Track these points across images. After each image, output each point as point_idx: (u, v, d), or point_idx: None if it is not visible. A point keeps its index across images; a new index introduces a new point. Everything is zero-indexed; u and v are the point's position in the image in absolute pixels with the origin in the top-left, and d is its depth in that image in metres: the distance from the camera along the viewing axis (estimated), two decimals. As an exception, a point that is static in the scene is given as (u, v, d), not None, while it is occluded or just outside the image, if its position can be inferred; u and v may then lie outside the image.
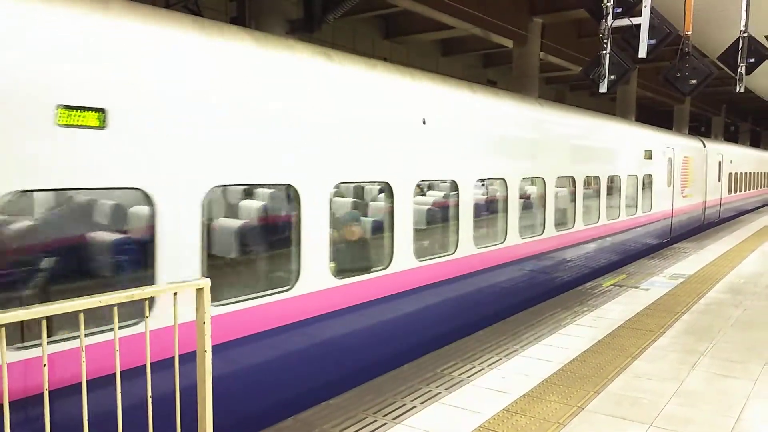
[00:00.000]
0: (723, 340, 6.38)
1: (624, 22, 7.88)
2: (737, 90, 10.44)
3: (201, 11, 10.89)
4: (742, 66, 10.07)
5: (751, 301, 8.16)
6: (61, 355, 3.39)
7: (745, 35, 9.97)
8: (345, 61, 5.49)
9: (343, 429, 4.30)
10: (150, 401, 3.24)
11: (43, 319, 2.82)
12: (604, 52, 8.20)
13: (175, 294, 3.35)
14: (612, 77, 8.34)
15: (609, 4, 7.80)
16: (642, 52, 7.81)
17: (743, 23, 9.98)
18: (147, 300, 3.21)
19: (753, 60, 10.12)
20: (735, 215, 21.95)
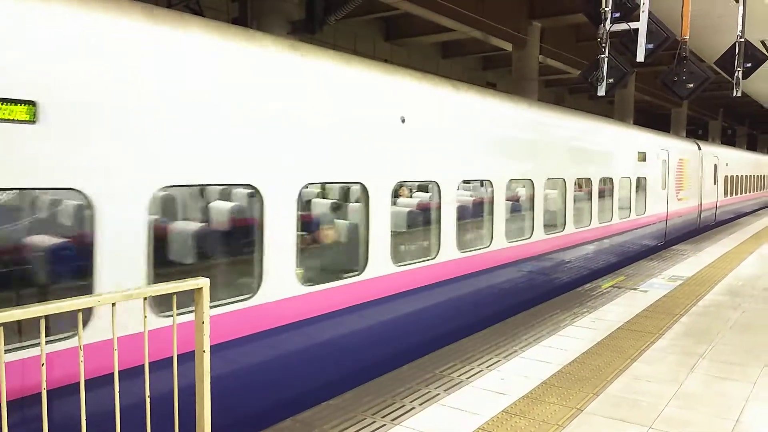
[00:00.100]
0: (721, 342, 6.40)
1: (622, 26, 7.92)
2: (734, 94, 10.53)
3: (203, 11, 10.90)
4: (738, 70, 10.15)
5: (750, 304, 8.19)
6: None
7: (742, 40, 10.05)
8: (316, 56, 5.17)
9: (342, 430, 4.31)
10: (148, 402, 3.23)
11: (42, 318, 2.82)
12: (602, 55, 8.22)
13: (174, 294, 3.34)
14: (610, 81, 8.37)
15: (607, 8, 7.84)
16: (640, 56, 7.86)
17: (740, 28, 10.06)
18: (146, 299, 3.22)
19: (750, 64, 10.20)
20: (731, 218, 21.95)
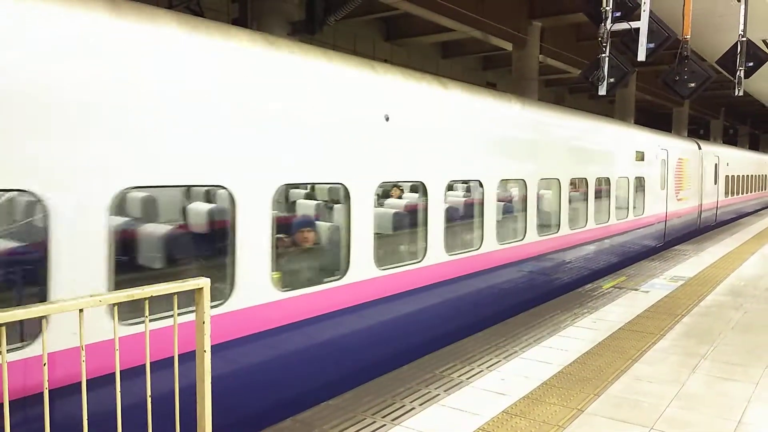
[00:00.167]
0: (723, 342, 6.37)
1: (623, 25, 7.90)
2: (736, 93, 10.48)
3: (203, 12, 10.90)
4: (740, 70, 10.11)
5: (752, 304, 8.16)
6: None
7: (744, 39, 10.02)
8: (291, 50, 4.95)
9: (342, 429, 4.29)
10: (149, 402, 3.22)
11: (43, 318, 2.82)
12: (603, 55, 8.20)
13: (175, 295, 3.33)
14: (611, 80, 8.35)
15: (608, 8, 7.82)
16: (641, 55, 7.83)
17: (741, 27, 10.03)
18: (147, 299, 3.21)
19: (751, 64, 10.17)
20: (732, 219, 21.81)
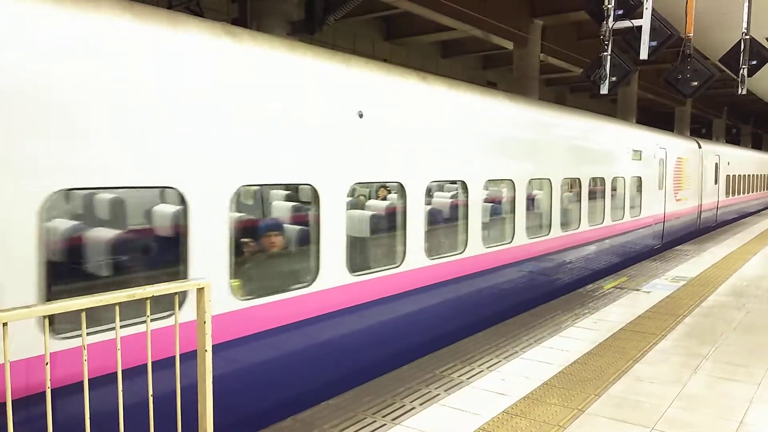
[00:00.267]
0: (725, 343, 6.34)
1: (625, 24, 7.87)
2: (739, 92, 10.45)
3: (203, 12, 10.89)
4: (743, 68, 10.06)
5: (754, 304, 8.12)
6: None
7: (747, 37, 9.97)
8: (255, 41, 4.68)
9: (343, 429, 4.28)
10: (151, 401, 3.20)
11: (45, 318, 2.82)
12: (605, 53, 8.17)
13: (177, 294, 3.32)
14: (613, 79, 8.31)
15: (610, 6, 7.78)
16: (643, 54, 7.79)
17: (745, 25, 9.98)
18: (148, 299, 3.20)
19: (755, 62, 10.11)
20: (733, 219, 21.55)
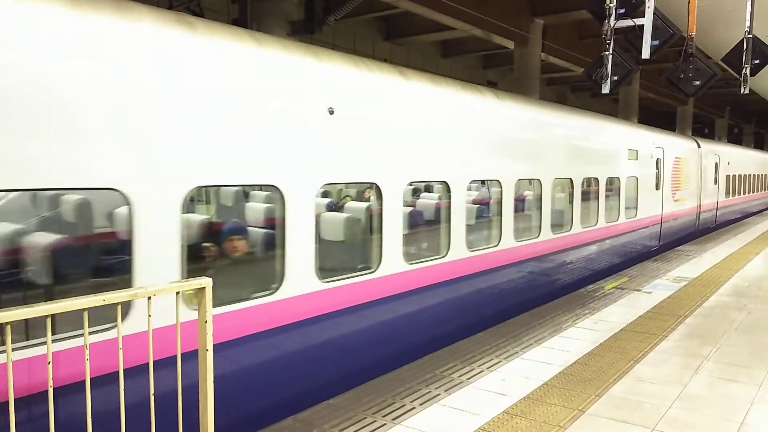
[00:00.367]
0: (727, 343, 6.31)
1: (627, 23, 7.83)
2: (741, 91, 10.41)
3: (203, 13, 10.89)
4: (746, 67, 10.02)
5: (755, 305, 8.09)
6: None
7: (750, 36, 9.92)
8: (211, 31, 4.33)
9: (343, 429, 4.27)
10: (152, 400, 3.19)
11: (48, 318, 2.81)
12: (606, 53, 8.13)
13: (177, 293, 3.32)
14: (615, 78, 8.27)
15: (612, 5, 7.75)
16: (645, 53, 7.76)
17: (748, 24, 9.93)
18: (149, 298, 3.19)
19: (757, 61, 10.06)
20: (733, 220, 21.25)
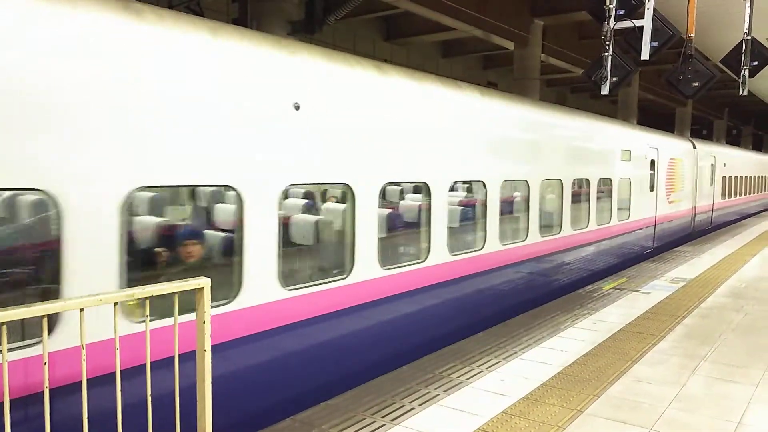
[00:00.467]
0: (724, 344, 6.34)
1: (626, 24, 7.87)
2: (740, 93, 10.45)
3: (203, 12, 10.90)
4: (745, 69, 10.06)
5: (753, 306, 8.12)
6: None
7: (749, 38, 9.96)
8: (159, 17, 4.00)
9: (342, 429, 4.28)
10: (149, 401, 3.21)
11: (44, 317, 2.82)
12: (606, 54, 8.17)
13: (176, 294, 3.32)
14: (614, 79, 8.31)
15: (611, 6, 7.79)
16: (644, 54, 7.80)
17: (746, 26, 9.96)
18: (148, 299, 3.20)
19: (756, 63, 10.11)
20: (730, 221, 21.13)
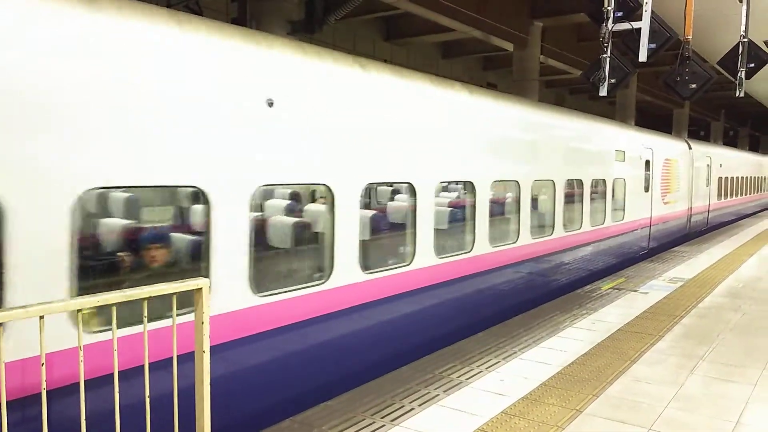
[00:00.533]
0: (722, 344, 6.38)
1: (624, 26, 7.90)
2: (737, 95, 10.48)
3: (202, 12, 10.91)
4: (741, 71, 10.10)
5: (750, 306, 8.16)
6: None
7: (745, 40, 10.01)
8: (118, 7, 3.76)
9: (342, 430, 4.29)
10: (148, 402, 3.21)
11: (41, 318, 2.83)
12: (604, 55, 8.19)
13: (174, 295, 3.33)
14: (612, 81, 8.34)
15: (610, 8, 7.82)
16: (642, 56, 7.82)
17: (743, 28, 10.02)
18: (146, 299, 3.21)
19: (753, 65, 10.15)
20: (725, 222, 21.11)
